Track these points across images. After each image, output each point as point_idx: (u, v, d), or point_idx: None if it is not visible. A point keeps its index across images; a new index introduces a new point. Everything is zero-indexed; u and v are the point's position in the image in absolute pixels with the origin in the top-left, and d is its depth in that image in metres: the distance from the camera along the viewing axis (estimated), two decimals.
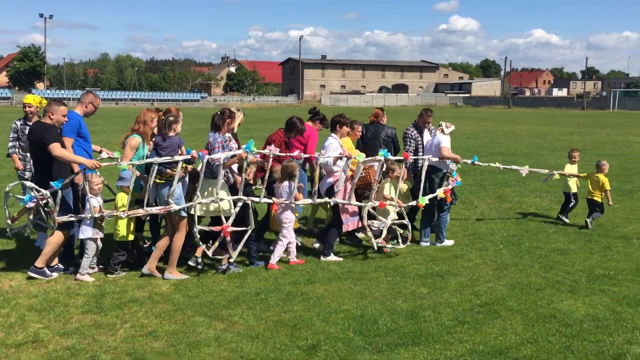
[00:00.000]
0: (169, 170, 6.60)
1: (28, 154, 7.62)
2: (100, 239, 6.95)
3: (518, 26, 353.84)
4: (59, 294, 6.26)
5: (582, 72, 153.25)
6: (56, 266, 6.96)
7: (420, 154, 8.95)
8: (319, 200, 7.67)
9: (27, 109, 8.19)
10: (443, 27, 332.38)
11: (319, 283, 6.70)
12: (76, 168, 6.74)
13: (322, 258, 7.72)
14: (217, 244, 6.99)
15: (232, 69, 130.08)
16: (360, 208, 7.87)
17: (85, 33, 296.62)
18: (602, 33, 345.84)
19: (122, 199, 6.87)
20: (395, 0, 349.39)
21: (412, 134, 9.19)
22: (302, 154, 7.48)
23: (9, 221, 6.74)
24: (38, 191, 6.42)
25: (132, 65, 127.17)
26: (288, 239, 7.49)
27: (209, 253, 6.93)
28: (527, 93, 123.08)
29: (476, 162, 9.19)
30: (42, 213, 6.55)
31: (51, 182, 6.40)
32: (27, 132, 7.39)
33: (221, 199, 6.88)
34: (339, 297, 6.23)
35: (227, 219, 6.95)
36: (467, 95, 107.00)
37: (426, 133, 9.25)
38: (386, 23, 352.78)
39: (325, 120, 8.55)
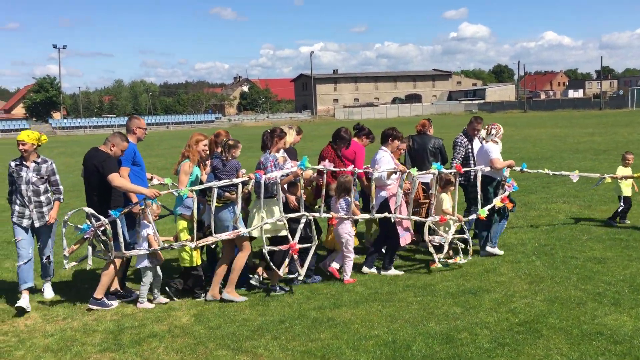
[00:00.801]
0: (227, 194, 6.61)
1: (29, 197, 6.84)
2: (159, 266, 6.85)
3: (528, 30, 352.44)
4: (75, 331, 6.01)
5: (597, 72, 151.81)
6: (117, 292, 6.96)
7: (471, 162, 8.85)
8: (377, 215, 7.52)
9: (21, 147, 6.83)
10: (453, 35, 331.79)
11: (346, 307, 6.38)
12: (133, 197, 6.72)
13: (382, 272, 7.62)
14: (287, 262, 6.93)
15: (245, 88, 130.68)
16: (417, 223, 7.79)
17: (99, 61, 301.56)
18: (614, 31, 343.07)
19: (183, 226, 6.86)
20: (404, 10, 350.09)
21: (462, 141, 9.05)
22: (356, 168, 7.46)
23: (66, 252, 6.54)
24: (97, 219, 6.34)
25: (146, 90, 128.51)
26: (351, 253, 7.46)
27: (280, 272, 6.86)
28: (543, 96, 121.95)
29: (525, 169, 8.95)
30: (101, 243, 6.51)
31: (110, 211, 6.37)
32: (22, 173, 6.81)
33: (284, 218, 6.86)
34: (368, 322, 5.90)
35: (282, 237, 6.94)
36: (481, 101, 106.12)
37: (476, 141, 9.05)
38: (396, 34, 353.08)
39: (372, 134, 8.43)
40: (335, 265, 7.57)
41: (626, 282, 6.72)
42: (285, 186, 7.18)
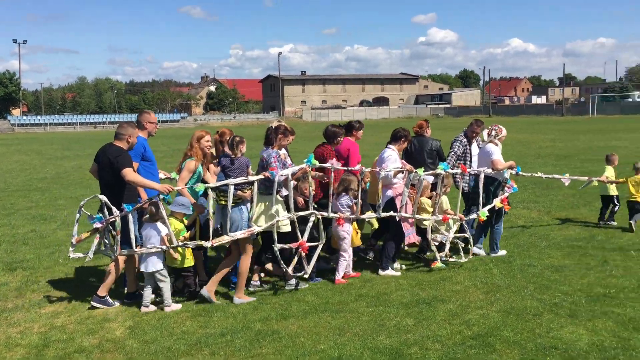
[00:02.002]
0: (239, 192, 6.43)
1: None
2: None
3: (495, 36, 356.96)
4: None
5: (559, 79, 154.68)
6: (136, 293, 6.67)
7: (469, 163, 8.78)
8: (384, 214, 7.43)
9: None
10: (422, 39, 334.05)
11: (293, 318, 6.02)
12: (142, 193, 6.57)
13: (380, 272, 7.53)
14: (295, 260, 6.83)
15: (212, 88, 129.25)
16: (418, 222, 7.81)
17: (65, 58, 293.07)
18: (577, 40, 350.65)
19: (177, 225, 6.57)
20: (374, 14, 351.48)
21: (462, 140, 8.99)
22: (363, 167, 7.42)
23: (73, 240, 6.34)
24: (110, 211, 6.16)
25: (111, 88, 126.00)
26: (349, 252, 7.39)
27: (289, 270, 6.75)
28: (507, 101, 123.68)
29: (520, 173, 8.86)
30: (110, 238, 6.34)
31: (123, 204, 6.20)
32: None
33: (295, 216, 6.76)
34: (315, 335, 5.55)
35: (284, 234, 6.81)
36: (447, 105, 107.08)
37: (474, 145, 9.03)
38: (365, 37, 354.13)
39: (359, 123, 8.46)
40: (339, 275, 7.34)
41: (583, 292, 6.53)
42: (293, 184, 6.95)
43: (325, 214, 7.08)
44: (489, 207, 8.09)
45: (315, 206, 7.31)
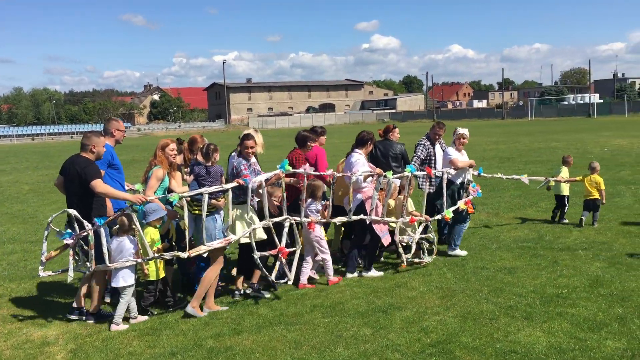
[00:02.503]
0: (213, 201, 6.32)
1: None
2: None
3: (436, 42, 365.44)
4: None
5: (498, 84, 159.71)
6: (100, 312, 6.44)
7: (434, 165, 8.92)
8: (354, 218, 7.46)
9: None
10: (365, 46, 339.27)
11: (247, 332, 5.79)
12: (108, 204, 6.41)
13: (363, 274, 7.61)
14: (277, 267, 6.81)
15: (156, 97, 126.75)
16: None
17: None
18: (514, 46, 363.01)
19: (154, 235, 6.36)
20: (318, 21, 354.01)
21: (425, 143, 9.10)
22: (335, 173, 7.36)
23: (43, 258, 6.09)
24: (81, 225, 5.93)
25: (49, 99, 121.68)
26: (328, 254, 7.42)
27: (272, 278, 6.69)
28: (450, 106, 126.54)
29: (482, 174, 9.15)
30: (81, 253, 6.13)
31: (95, 219, 5.99)
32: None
33: (270, 223, 6.69)
34: (271, 349, 5.34)
35: (260, 242, 6.70)
36: (393, 111, 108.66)
37: (437, 147, 9.16)
38: (310, 44, 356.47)
39: (322, 129, 8.50)
40: (304, 279, 7.36)
41: (537, 293, 6.56)
42: (267, 190, 6.83)
43: (298, 218, 7.04)
44: (453, 208, 8.28)
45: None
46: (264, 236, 6.73)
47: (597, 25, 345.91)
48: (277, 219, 6.78)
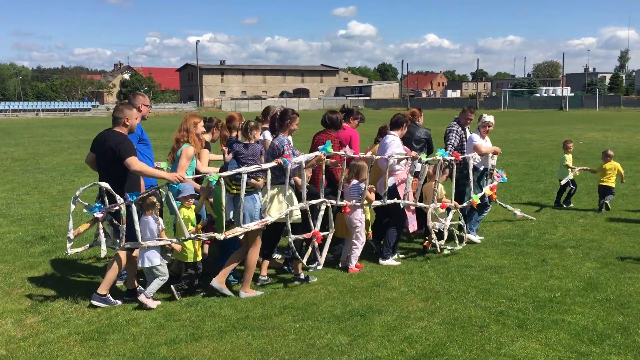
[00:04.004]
0: (253, 181, 6.05)
1: None
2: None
3: (412, 31, 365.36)
4: None
5: (472, 74, 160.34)
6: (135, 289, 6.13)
7: (465, 151, 8.60)
8: (388, 202, 7.25)
9: None
10: (342, 32, 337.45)
11: (207, 339, 5.09)
12: (141, 182, 6.09)
13: (380, 261, 7.32)
14: (309, 251, 6.55)
15: (126, 76, 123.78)
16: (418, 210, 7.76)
17: None
18: (489, 37, 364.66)
19: (190, 214, 6.05)
20: (295, 5, 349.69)
21: (457, 129, 8.80)
22: (374, 155, 7.15)
23: (70, 235, 5.68)
24: (111, 199, 5.61)
25: (15, 74, 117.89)
26: (362, 240, 7.15)
27: (304, 261, 6.46)
28: (424, 95, 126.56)
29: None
30: (108, 230, 5.83)
31: (127, 194, 5.66)
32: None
33: (307, 205, 6.44)
34: None
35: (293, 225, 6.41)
36: (367, 98, 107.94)
37: (467, 131, 8.94)
38: (286, 29, 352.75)
39: (360, 114, 8.18)
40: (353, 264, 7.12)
41: (528, 297, 6.00)
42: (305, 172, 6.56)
43: (334, 202, 6.75)
44: (480, 194, 8.17)
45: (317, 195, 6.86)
46: (299, 219, 6.50)
47: (570, 20, 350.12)
48: (313, 202, 6.51)
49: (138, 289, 6.16)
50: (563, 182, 10.75)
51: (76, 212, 5.95)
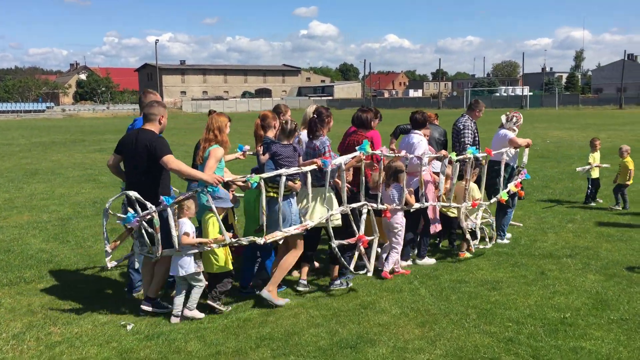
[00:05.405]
0: (290, 183, 5.78)
1: None
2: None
3: (373, 31, 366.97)
4: None
5: (432, 74, 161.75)
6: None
7: (477, 146, 8.27)
8: (427, 204, 7.09)
9: None
10: (303, 32, 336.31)
11: None
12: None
13: (417, 261, 7.23)
14: (356, 256, 6.23)
15: (83, 76, 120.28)
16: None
17: None
18: (448, 37, 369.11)
19: (214, 222, 5.55)
20: (256, 5, 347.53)
21: (470, 125, 8.40)
22: (407, 154, 6.93)
23: (108, 248, 5.50)
24: (143, 206, 5.29)
25: None
26: (401, 244, 6.87)
27: (351, 267, 6.12)
28: (386, 95, 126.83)
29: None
30: (145, 237, 5.42)
31: (162, 197, 5.29)
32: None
33: (348, 209, 6.17)
34: None
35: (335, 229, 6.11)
36: (330, 98, 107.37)
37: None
38: (247, 28, 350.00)
39: (379, 113, 7.81)
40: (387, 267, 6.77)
41: (536, 318, 5.34)
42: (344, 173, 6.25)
43: (375, 205, 6.49)
44: (506, 190, 7.86)
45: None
46: (340, 223, 6.24)
47: (526, 21, 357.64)
48: (354, 205, 6.21)
49: (158, 300, 5.73)
50: (579, 170, 10.89)
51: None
